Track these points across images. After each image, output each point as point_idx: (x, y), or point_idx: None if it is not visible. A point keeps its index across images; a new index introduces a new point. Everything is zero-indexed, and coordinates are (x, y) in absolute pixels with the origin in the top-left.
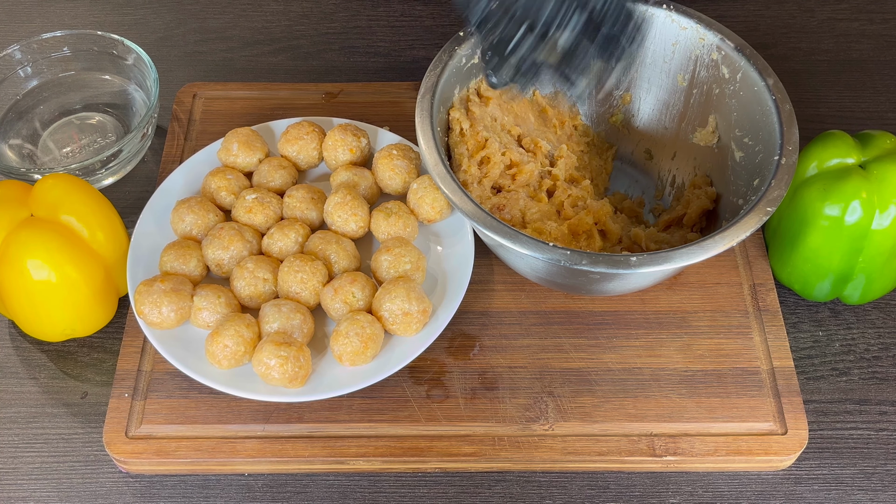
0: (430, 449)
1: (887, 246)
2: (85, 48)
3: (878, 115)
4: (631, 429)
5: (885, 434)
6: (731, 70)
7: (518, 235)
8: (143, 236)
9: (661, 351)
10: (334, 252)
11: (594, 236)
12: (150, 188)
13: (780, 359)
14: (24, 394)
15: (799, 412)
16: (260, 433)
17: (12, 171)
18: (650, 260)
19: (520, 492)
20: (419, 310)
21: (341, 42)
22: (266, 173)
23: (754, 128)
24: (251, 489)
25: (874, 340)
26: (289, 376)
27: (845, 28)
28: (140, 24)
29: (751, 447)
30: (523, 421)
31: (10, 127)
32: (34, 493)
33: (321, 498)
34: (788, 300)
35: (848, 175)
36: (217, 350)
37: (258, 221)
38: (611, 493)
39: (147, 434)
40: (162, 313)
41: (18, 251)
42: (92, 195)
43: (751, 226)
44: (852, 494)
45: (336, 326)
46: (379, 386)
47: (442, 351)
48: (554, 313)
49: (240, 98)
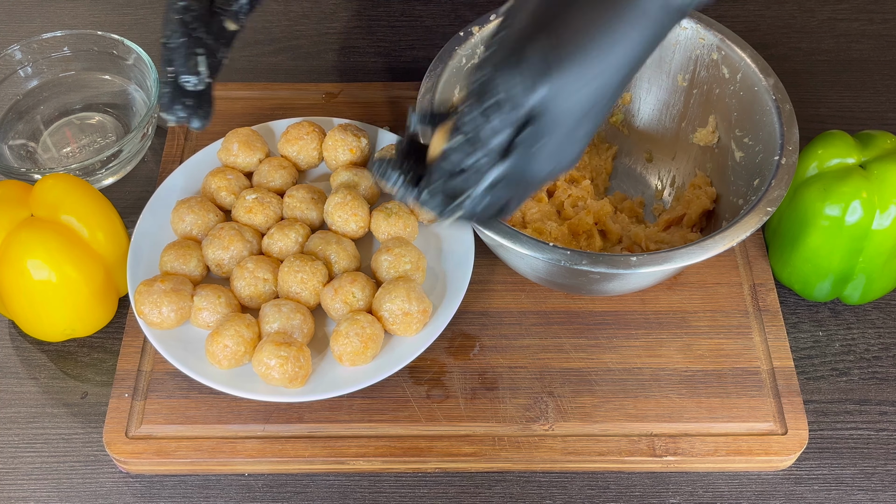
0: (431, 449)
1: (887, 246)
2: (85, 48)
3: (879, 115)
4: (631, 429)
5: (886, 434)
6: (732, 70)
7: (518, 235)
8: (143, 236)
9: (662, 351)
10: (334, 252)
11: (594, 236)
12: (150, 188)
13: (781, 359)
14: (24, 394)
15: (799, 412)
16: (260, 433)
17: (12, 171)
18: (650, 260)
19: (520, 492)
20: (419, 310)
21: (341, 42)
22: (266, 173)
23: (754, 128)
24: (251, 489)
25: (874, 340)
26: (289, 376)
27: (845, 28)
28: (140, 24)
29: (751, 447)
30: (523, 421)
31: (10, 127)
32: (34, 493)
33: (321, 498)
34: (788, 300)
35: (848, 175)
36: (217, 350)
37: (258, 221)
38: (611, 493)
39: (147, 434)
40: (162, 313)
41: (18, 251)
42: (92, 195)
43: (751, 226)
44: (852, 494)
45: (336, 326)
46: (379, 386)
47: (442, 351)
48: (554, 313)
49: (240, 98)
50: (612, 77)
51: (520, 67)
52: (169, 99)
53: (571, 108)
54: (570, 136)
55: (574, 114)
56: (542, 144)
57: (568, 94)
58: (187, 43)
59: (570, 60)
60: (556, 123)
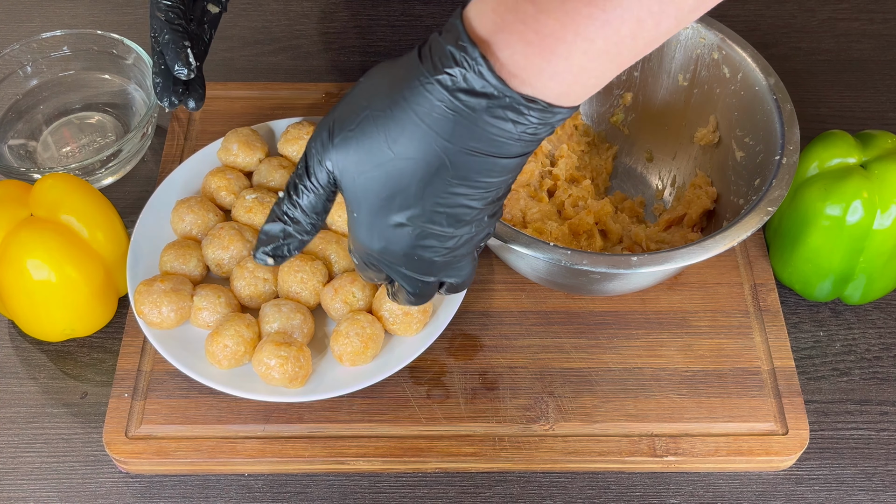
0: (431, 449)
1: (888, 246)
2: (85, 48)
3: (879, 114)
4: (631, 429)
5: (886, 434)
6: (732, 70)
7: (518, 235)
8: (143, 236)
9: (662, 351)
10: (334, 252)
11: (595, 236)
12: (150, 188)
13: (781, 359)
14: (23, 394)
15: (800, 412)
16: (260, 433)
17: (12, 170)
18: (651, 260)
19: (520, 492)
20: (419, 310)
21: (341, 42)
22: (266, 173)
23: (755, 127)
24: (251, 489)
25: (875, 340)
26: (289, 376)
27: (846, 28)
28: (140, 24)
29: (752, 447)
30: (524, 421)
31: (9, 127)
32: (34, 493)
33: (321, 498)
34: (789, 300)
35: (849, 175)
36: (217, 350)
37: (258, 221)
38: (611, 493)
39: (147, 434)
40: (162, 313)
41: (18, 251)
42: (92, 195)
43: (751, 226)
44: (853, 495)
45: (336, 326)
46: (379, 386)
47: (442, 351)
48: (554, 313)
49: (240, 98)
50: (407, 167)
51: (318, 134)
52: (161, 87)
53: (366, 186)
54: (381, 219)
55: (371, 193)
56: (357, 217)
57: (352, 170)
58: (174, 38)
59: (347, 140)
60: (357, 198)
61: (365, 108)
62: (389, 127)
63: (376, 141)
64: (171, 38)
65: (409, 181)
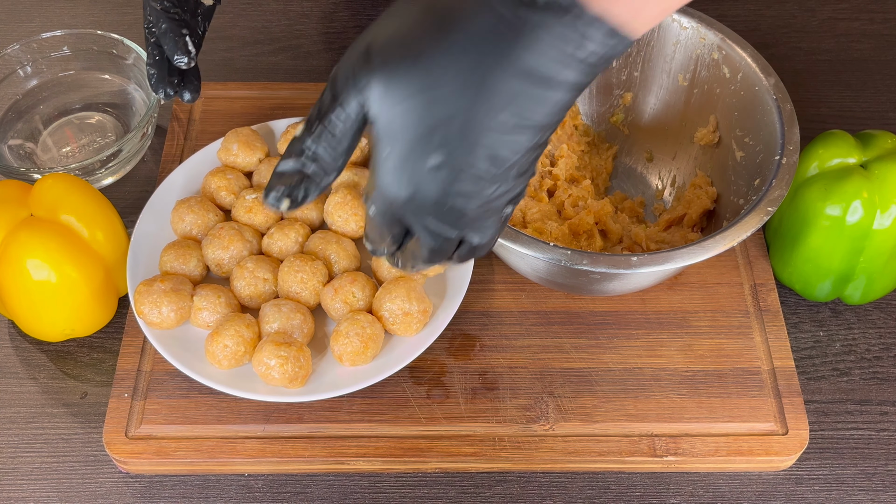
0: (431, 449)
1: (888, 246)
2: (85, 48)
3: (880, 114)
4: (631, 429)
5: (886, 434)
6: (732, 70)
7: (519, 235)
8: (143, 236)
9: (662, 351)
10: (334, 252)
11: (595, 236)
12: (150, 188)
13: (781, 359)
14: (23, 394)
15: (800, 412)
16: (260, 433)
17: (12, 170)
18: (651, 260)
19: (520, 492)
20: (419, 310)
21: (341, 42)
22: (266, 173)
23: (755, 127)
24: (251, 489)
25: (875, 340)
26: (289, 376)
27: (846, 28)
28: (140, 23)
29: (752, 447)
30: (524, 421)
31: (9, 127)
32: (34, 493)
33: (321, 498)
34: (789, 300)
35: (849, 175)
36: (217, 350)
37: (258, 221)
38: (611, 493)
39: (147, 434)
40: (162, 313)
41: (18, 251)
42: (92, 195)
43: (752, 226)
44: (853, 495)
45: (336, 326)
46: (379, 386)
47: (442, 351)
48: (554, 313)
49: (240, 98)
50: (454, 91)
51: (349, 58)
52: (157, 78)
53: (405, 116)
54: (416, 158)
55: (410, 126)
56: (387, 155)
57: (394, 96)
58: (172, 27)
59: (387, 62)
60: (392, 131)
61: (410, 25)
62: (439, 46)
63: (423, 62)
64: (168, 27)
65: (454, 109)
